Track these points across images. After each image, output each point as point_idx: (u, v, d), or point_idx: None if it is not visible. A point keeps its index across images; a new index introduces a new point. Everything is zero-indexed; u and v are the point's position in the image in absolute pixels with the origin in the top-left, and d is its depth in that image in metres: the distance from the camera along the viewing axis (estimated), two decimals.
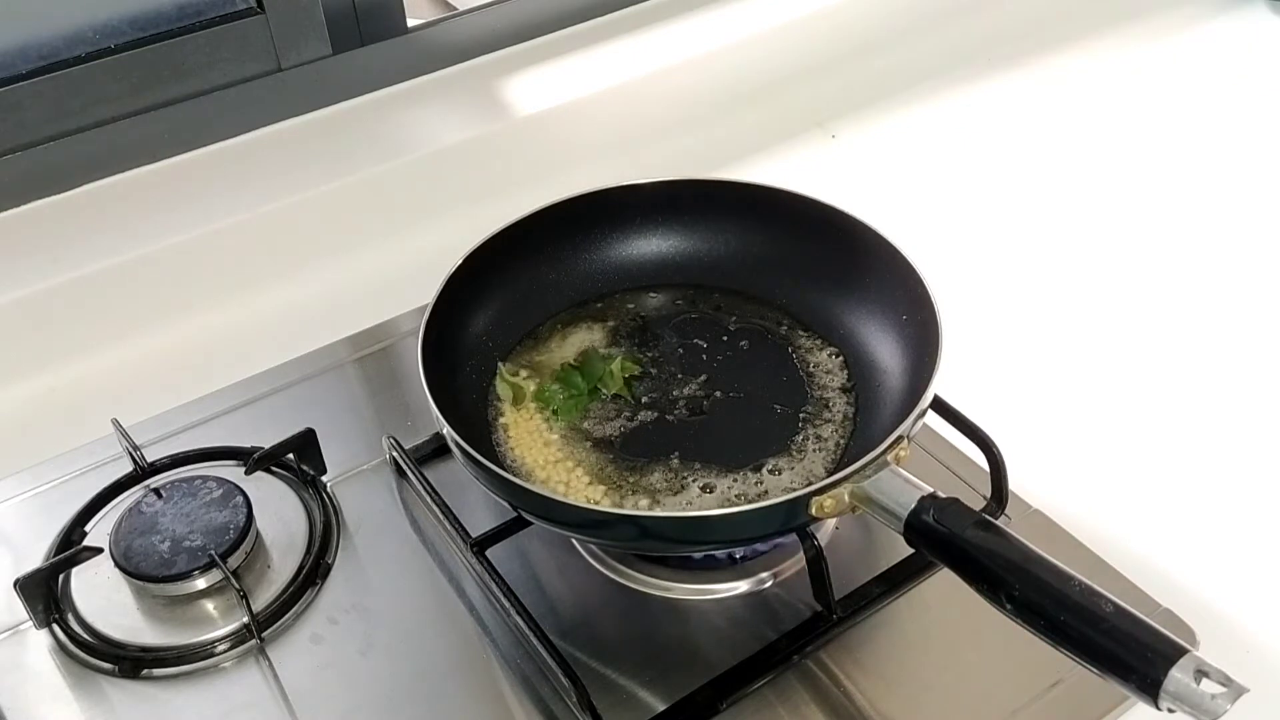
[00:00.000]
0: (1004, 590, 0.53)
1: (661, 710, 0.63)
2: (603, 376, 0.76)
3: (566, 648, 0.65)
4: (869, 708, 0.64)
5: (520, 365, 0.79)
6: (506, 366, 0.78)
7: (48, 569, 0.69)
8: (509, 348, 0.80)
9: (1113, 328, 0.91)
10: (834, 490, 0.60)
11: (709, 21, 1.18)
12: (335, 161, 1.00)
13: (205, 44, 0.97)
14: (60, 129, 0.94)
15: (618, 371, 0.77)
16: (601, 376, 0.76)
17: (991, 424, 0.71)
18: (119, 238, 0.91)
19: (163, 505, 0.72)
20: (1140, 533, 0.73)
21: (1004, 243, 1.02)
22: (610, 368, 0.77)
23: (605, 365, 0.77)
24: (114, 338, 0.91)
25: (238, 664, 0.67)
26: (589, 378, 0.76)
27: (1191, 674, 0.47)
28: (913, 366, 0.72)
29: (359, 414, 0.84)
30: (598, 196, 0.82)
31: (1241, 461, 0.79)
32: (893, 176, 1.11)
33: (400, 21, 1.08)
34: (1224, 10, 1.35)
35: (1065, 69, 1.26)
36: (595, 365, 0.77)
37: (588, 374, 0.76)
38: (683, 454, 0.72)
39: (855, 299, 0.78)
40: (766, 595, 0.69)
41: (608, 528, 0.64)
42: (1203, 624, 0.65)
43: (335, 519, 0.75)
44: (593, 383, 0.76)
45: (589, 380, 0.76)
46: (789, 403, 0.75)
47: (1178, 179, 1.09)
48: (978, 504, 0.70)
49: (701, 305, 0.83)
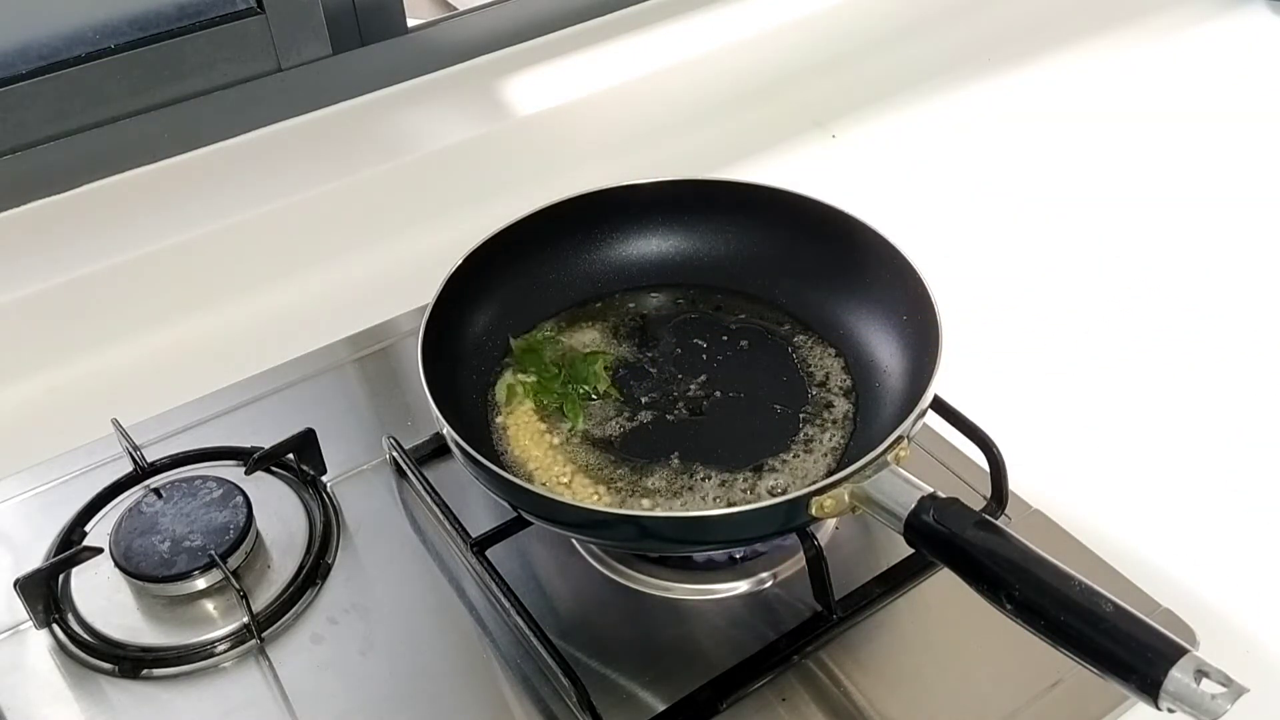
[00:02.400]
0: (1004, 590, 0.53)
1: (661, 710, 0.63)
2: (587, 378, 0.76)
3: (566, 648, 0.65)
4: (869, 708, 0.64)
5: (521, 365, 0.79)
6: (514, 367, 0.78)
7: (48, 569, 0.69)
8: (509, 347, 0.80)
9: (1112, 327, 0.91)
10: (834, 490, 0.60)
11: (709, 21, 1.18)
12: (335, 161, 1.00)
13: (205, 44, 0.97)
14: (60, 129, 0.94)
15: (600, 370, 0.76)
16: (586, 378, 0.76)
17: (991, 424, 0.71)
18: (119, 238, 0.91)
19: (163, 505, 0.72)
20: (1140, 533, 0.73)
21: (1004, 243, 1.02)
22: (593, 369, 0.77)
23: (587, 366, 0.77)
24: (114, 338, 0.91)
25: (238, 664, 0.67)
26: (576, 380, 0.76)
27: (1191, 674, 0.47)
28: (913, 366, 0.72)
29: (359, 414, 0.84)
30: (598, 196, 0.82)
31: (1241, 462, 0.79)
32: (893, 176, 1.11)
33: (400, 21, 1.08)
34: (1224, 10, 1.35)
35: (1065, 69, 1.26)
36: (579, 368, 0.77)
37: (574, 377, 0.76)
38: (683, 454, 0.72)
39: (855, 299, 0.78)
40: (766, 595, 0.69)
41: (608, 528, 0.64)
42: (1203, 624, 0.65)
43: (335, 519, 0.75)
44: (579, 384, 0.76)
45: (575, 383, 0.76)
46: (789, 403, 0.75)
47: (1178, 179, 1.09)
48: (978, 504, 0.70)
49: (701, 305, 0.83)
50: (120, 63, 0.94)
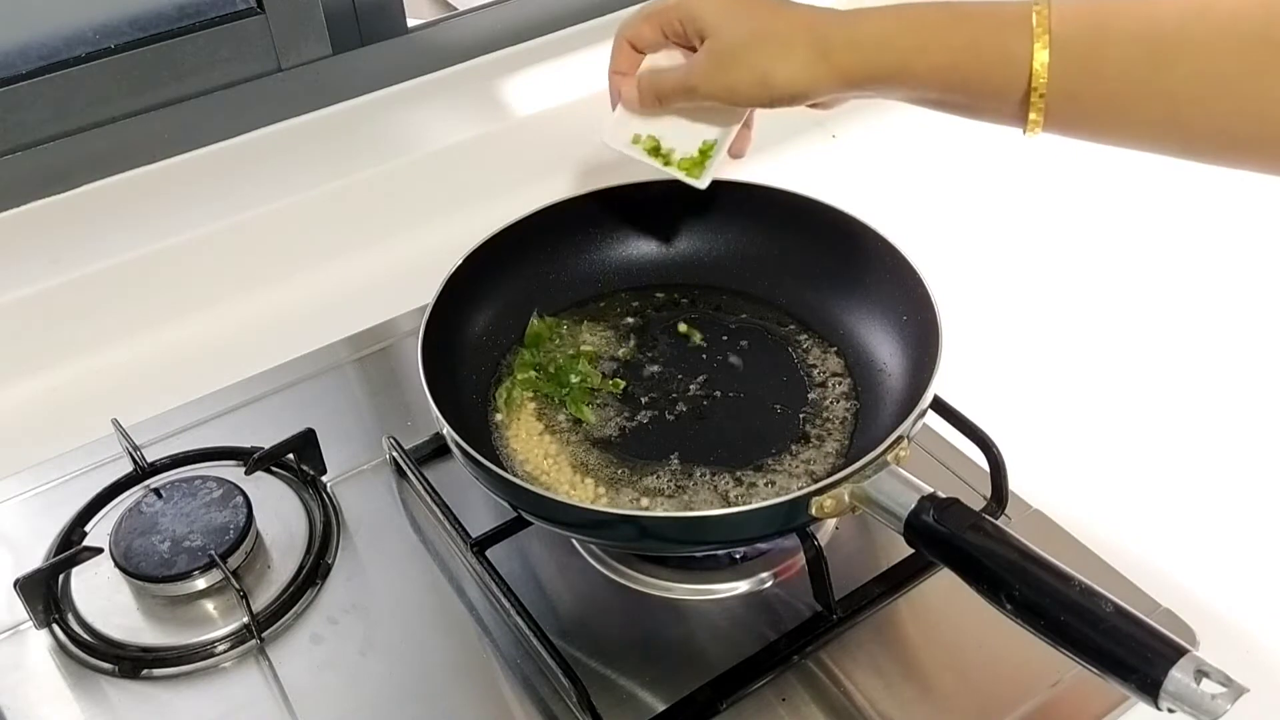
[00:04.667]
0: (1004, 590, 0.53)
1: (661, 710, 0.63)
2: (575, 379, 0.76)
3: (566, 648, 0.65)
4: (869, 708, 0.64)
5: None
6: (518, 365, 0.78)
7: (48, 569, 0.69)
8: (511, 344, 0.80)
9: (1113, 327, 0.91)
10: (834, 490, 0.60)
11: None
12: (335, 161, 1.00)
13: (205, 44, 0.97)
14: (60, 129, 0.94)
15: (588, 369, 0.77)
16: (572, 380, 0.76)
17: (991, 424, 0.71)
18: (119, 238, 0.91)
19: (163, 505, 0.72)
20: (1140, 533, 0.73)
21: (1004, 242, 1.02)
22: (579, 368, 0.77)
23: (574, 364, 0.77)
24: (114, 338, 0.91)
25: (238, 664, 0.67)
26: (562, 379, 0.77)
27: (1191, 674, 0.47)
28: (913, 366, 0.72)
29: (359, 414, 0.84)
30: (598, 196, 0.82)
31: (1241, 462, 0.79)
32: (893, 176, 1.11)
33: (400, 21, 1.08)
34: None
35: None
36: (563, 372, 0.77)
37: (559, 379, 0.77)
38: (683, 454, 0.72)
39: (855, 299, 0.78)
40: (766, 595, 0.69)
41: (608, 528, 0.64)
42: (1203, 624, 0.65)
43: (335, 519, 0.75)
44: (566, 384, 0.76)
45: (563, 382, 0.76)
46: (789, 403, 0.75)
47: (1177, 179, 1.09)
48: (978, 504, 0.70)
49: (701, 305, 0.83)
50: (120, 63, 0.94)
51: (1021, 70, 0.57)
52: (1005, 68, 0.58)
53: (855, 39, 0.62)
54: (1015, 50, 0.57)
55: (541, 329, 0.80)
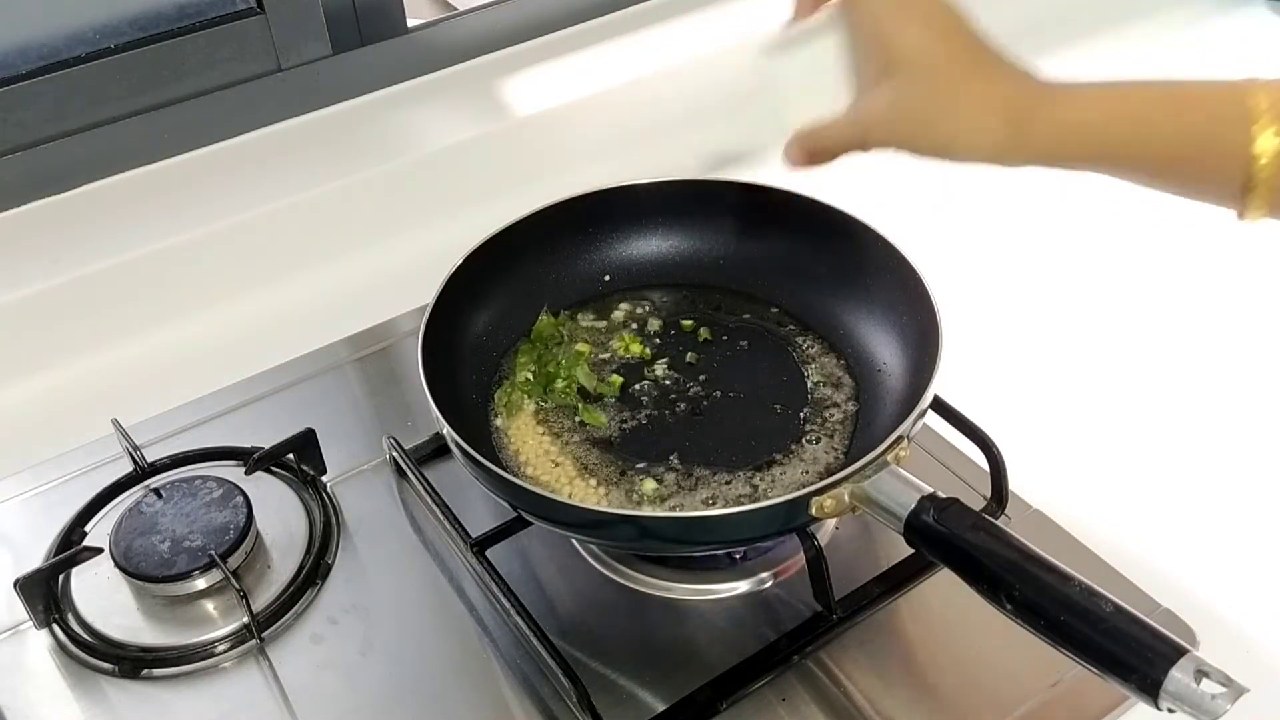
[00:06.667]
0: (1004, 590, 0.53)
1: (661, 710, 0.63)
2: (561, 383, 0.76)
3: (566, 648, 0.65)
4: (869, 708, 0.64)
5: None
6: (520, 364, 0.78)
7: (48, 569, 0.69)
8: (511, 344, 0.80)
9: (1112, 328, 0.91)
10: (834, 490, 0.60)
11: (709, 21, 1.18)
12: (335, 161, 1.00)
13: (205, 44, 0.97)
14: (60, 129, 0.94)
15: (580, 370, 0.77)
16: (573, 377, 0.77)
17: (991, 424, 0.71)
18: (119, 238, 0.91)
19: (163, 505, 0.72)
20: (1140, 533, 0.73)
21: (1004, 242, 1.02)
22: (574, 371, 0.77)
23: (568, 365, 0.77)
24: (114, 338, 0.91)
25: (238, 664, 0.67)
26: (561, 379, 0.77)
27: (1191, 674, 0.47)
28: (913, 366, 0.72)
29: (359, 414, 0.84)
30: (597, 196, 0.82)
31: (1240, 462, 0.79)
32: (893, 176, 1.11)
33: (400, 21, 1.08)
34: (1224, 10, 1.35)
35: (1065, 69, 1.25)
36: (553, 375, 0.77)
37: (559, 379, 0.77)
38: (683, 454, 0.72)
39: (855, 299, 0.78)
40: (766, 595, 0.69)
41: (608, 528, 0.64)
42: (1203, 624, 0.65)
43: (335, 519, 0.75)
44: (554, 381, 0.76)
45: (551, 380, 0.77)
46: (789, 403, 0.75)
47: None
48: (978, 504, 0.70)
49: (701, 305, 0.83)
50: (120, 63, 0.94)
51: (1246, 161, 0.52)
52: (1230, 158, 0.53)
53: (1060, 119, 0.57)
54: (1239, 140, 0.52)
55: (549, 325, 0.80)
